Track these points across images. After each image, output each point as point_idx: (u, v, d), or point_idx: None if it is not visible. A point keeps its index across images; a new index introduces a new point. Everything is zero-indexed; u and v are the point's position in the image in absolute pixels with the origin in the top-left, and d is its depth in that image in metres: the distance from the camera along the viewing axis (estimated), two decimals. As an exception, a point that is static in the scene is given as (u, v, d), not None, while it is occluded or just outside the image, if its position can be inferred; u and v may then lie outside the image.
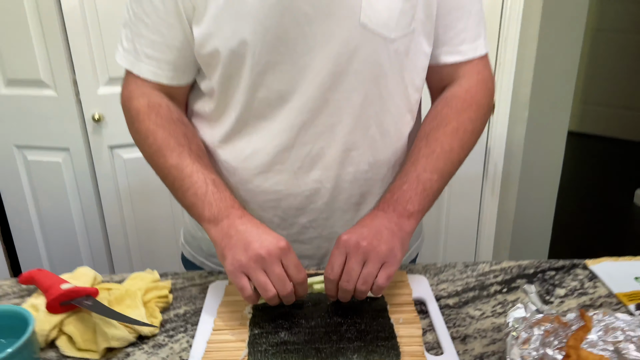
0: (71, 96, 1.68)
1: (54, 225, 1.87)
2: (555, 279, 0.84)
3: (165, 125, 0.80)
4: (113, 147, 1.75)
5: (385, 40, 0.75)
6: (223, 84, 0.79)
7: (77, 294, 0.73)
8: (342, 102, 0.78)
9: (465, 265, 0.89)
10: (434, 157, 0.79)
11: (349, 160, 0.82)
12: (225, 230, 0.74)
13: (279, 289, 0.68)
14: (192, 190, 0.77)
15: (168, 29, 0.77)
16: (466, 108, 0.83)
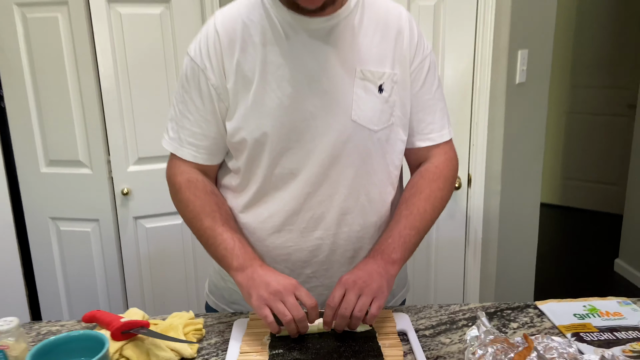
0: (104, 174, 1.94)
1: (78, 289, 2.06)
2: (511, 316, 1.05)
3: (201, 196, 1.04)
4: (137, 217, 1.99)
5: (370, 131, 1.01)
6: (247, 164, 1.03)
7: (135, 325, 0.93)
8: (338, 177, 1.02)
9: (439, 306, 1.10)
10: (411, 218, 1.03)
11: (344, 223, 1.05)
12: (249, 275, 0.96)
13: (294, 314, 0.88)
14: (223, 246, 1.00)
15: (206, 124, 1.03)
16: (436, 179, 1.07)
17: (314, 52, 0.97)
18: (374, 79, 1.00)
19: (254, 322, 1.02)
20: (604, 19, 4.10)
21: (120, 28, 1.84)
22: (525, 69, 2.02)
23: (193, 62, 1.00)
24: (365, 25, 1.00)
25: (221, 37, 0.98)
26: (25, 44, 1.86)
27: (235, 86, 0.98)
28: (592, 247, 3.83)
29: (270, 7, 0.97)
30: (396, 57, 1.02)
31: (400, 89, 1.02)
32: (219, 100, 1.00)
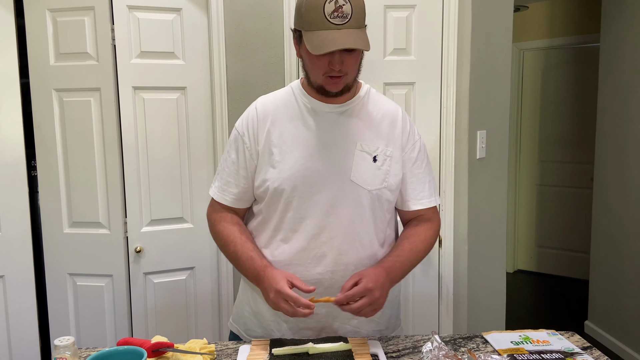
0: (121, 233, 2.21)
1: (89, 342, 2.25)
2: (461, 343, 1.32)
3: (228, 226, 1.37)
4: (147, 273, 2.24)
5: (364, 190, 1.32)
6: (267, 207, 1.34)
7: (162, 345, 1.19)
8: (337, 225, 1.32)
9: (405, 336, 1.36)
10: (412, 253, 1.34)
11: (340, 261, 1.33)
12: (262, 283, 1.26)
13: (296, 307, 1.18)
14: (250, 264, 1.30)
15: (237, 176, 1.36)
16: (429, 229, 1.41)
17: (326, 128, 1.32)
18: (369, 151, 1.33)
19: (257, 345, 1.27)
20: (564, 103, 4.60)
21: (142, 110, 2.18)
22: (484, 146, 2.38)
23: (236, 131, 1.38)
24: (368, 112, 1.36)
25: (259, 113, 1.35)
26: (60, 123, 2.19)
27: (263, 149, 1.32)
28: (564, 310, 4.06)
29: (297, 94, 1.35)
30: (390, 139, 1.36)
31: (392, 162, 1.35)
32: (250, 159, 1.34)
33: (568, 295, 4.37)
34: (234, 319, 1.50)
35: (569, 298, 4.30)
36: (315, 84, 1.28)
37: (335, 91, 1.27)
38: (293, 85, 1.39)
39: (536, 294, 4.45)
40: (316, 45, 1.17)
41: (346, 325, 1.36)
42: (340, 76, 1.24)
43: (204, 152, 2.29)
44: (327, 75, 1.24)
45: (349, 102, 1.33)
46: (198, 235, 2.30)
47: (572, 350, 1.25)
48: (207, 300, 2.33)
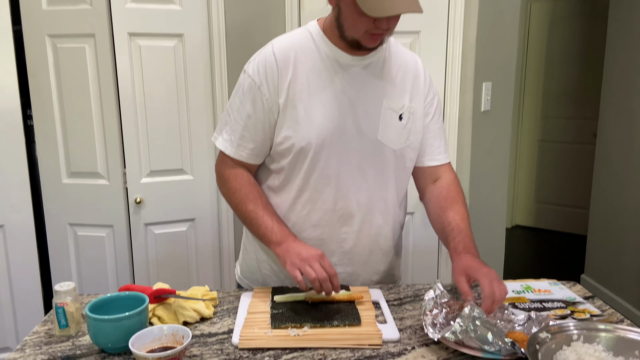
0: (120, 184, 2.19)
1: (91, 290, 2.28)
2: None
3: (246, 185, 1.30)
4: (148, 224, 2.24)
5: (390, 149, 1.28)
6: (290, 166, 1.27)
7: (165, 292, 1.18)
8: (364, 184, 1.28)
9: (407, 285, 1.36)
10: (464, 223, 1.26)
11: (367, 221, 1.31)
12: (285, 248, 1.21)
13: (319, 275, 1.13)
14: (264, 226, 1.26)
15: (254, 130, 1.26)
16: (459, 190, 1.35)
17: (352, 84, 1.25)
18: (396, 109, 1.27)
19: (258, 293, 1.27)
20: (570, 57, 4.50)
21: (139, 57, 2.12)
22: (489, 99, 2.33)
23: (251, 79, 1.23)
24: (390, 66, 1.29)
25: (278, 60, 1.21)
26: (55, 70, 2.13)
27: (285, 102, 1.22)
28: (560, 264, 4.11)
29: (317, 40, 1.24)
30: (413, 94, 1.30)
31: (415, 119, 1.30)
32: (270, 112, 1.23)
33: (565, 250, 4.41)
34: (244, 275, 1.47)
35: (565, 253, 4.35)
36: (350, 37, 1.19)
37: (372, 46, 1.19)
38: (311, 29, 1.26)
39: (533, 249, 4.50)
40: (373, 6, 1.07)
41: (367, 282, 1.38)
42: (382, 33, 1.16)
43: (202, 102, 2.24)
44: (369, 32, 1.15)
45: (373, 52, 1.26)
46: (198, 187, 2.29)
47: (574, 300, 1.25)
48: (208, 252, 2.34)
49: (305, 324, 1.10)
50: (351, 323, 1.10)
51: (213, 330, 1.13)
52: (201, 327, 1.14)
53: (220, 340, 1.08)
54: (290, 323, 1.10)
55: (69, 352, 1.04)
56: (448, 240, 1.24)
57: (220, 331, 1.12)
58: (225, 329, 1.13)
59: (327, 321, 1.11)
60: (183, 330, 1.02)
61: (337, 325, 1.10)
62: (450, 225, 1.26)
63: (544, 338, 0.97)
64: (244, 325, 1.11)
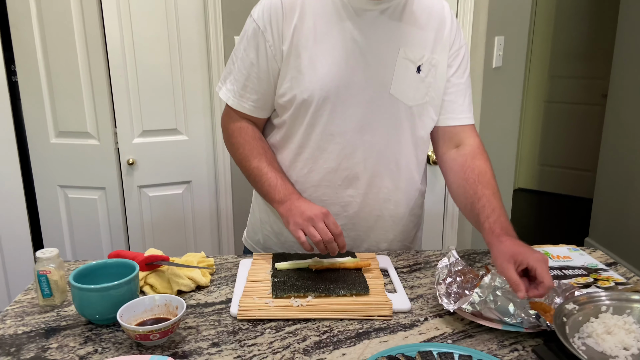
0: (111, 145, 2.08)
1: (84, 248, 2.20)
2: (477, 258, 1.24)
3: (250, 141, 1.20)
4: (141, 186, 2.14)
5: (405, 105, 1.16)
6: (291, 120, 1.16)
7: (157, 258, 1.10)
8: (372, 144, 1.17)
9: (416, 251, 1.28)
10: (495, 197, 1.10)
11: (374, 184, 1.20)
12: (288, 207, 1.11)
13: (323, 236, 1.04)
14: (267, 183, 1.16)
15: (258, 80, 1.16)
16: (486, 158, 1.19)
17: (364, 29, 1.11)
18: (414, 59, 1.14)
19: (258, 259, 1.18)
20: (581, 13, 4.31)
21: (127, 7, 1.97)
22: (501, 54, 2.20)
23: (255, 24, 1.12)
24: (411, 11, 1.14)
25: (284, 3, 1.10)
26: (38, 21, 1.99)
27: (289, 50, 1.10)
28: (564, 228, 4.06)
29: None
30: (437, 43, 1.16)
31: (437, 72, 1.16)
32: (273, 60, 1.12)
33: (569, 213, 4.35)
34: (249, 235, 1.39)
35: (569, 216, 4.29)
36: None
37: None
38: None
39: (536, 211, 4.43)
40: None
41: (373, 248, 1.29)
42: None
43: (196, 56, 2.10)
44: None
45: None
46: (194, 148, 2.18)
47: (596, 267, 1.17)
48: (205, 215, 2.26)
49: (309, 293, 1.01)
50: (358, 292, 1.02)
51: (210, 299, 1.04)
52: (197, 297, 1.06)
53: (218, 311, 1.00)
54: (292, 292, 1.01)
55: (53, 323, 0.96)
56: (480, 219, 1.08)
57: (217, 301, 1.04)
58: (222, 298, 1.05)
59: (333, 290, 1.02)
60: (177, 301, 0.93)
61: (344, 295, 1.02)
62: (481, 201, 1.09)
63: (571, 310, 0.89)
64: (243, 294, 1.03)
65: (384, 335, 0.92)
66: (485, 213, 1.06)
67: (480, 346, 0.88)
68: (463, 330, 0.93)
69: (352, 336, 0.91)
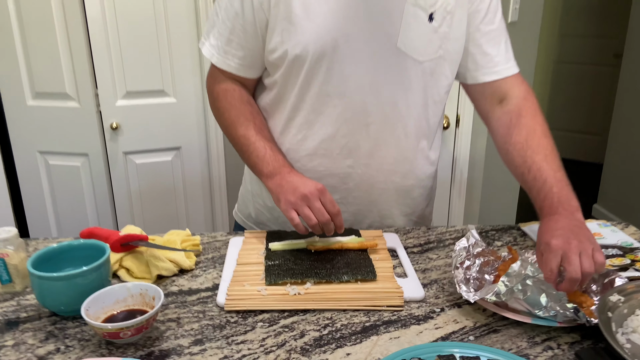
0: (92, 107, 1.92)
1: (68, 219, 2.07)
2: (495, 236, 1.10)
3: (237, 105, 1.05)
4: (127, 153, 1.99)
5: (415, 61, 0.99)
6: (283, 79, 1.01)
7: (133, 238, 0.96)
8: (376, 107, 1.01)
9: (427, 228, 1.14)
10: (549, 160, 0.93)
11: (377, 153, 1.06)
12: (278, 182, 0.97)
13: (319, 218, 0.90)
14: (255, 153, 1.02)
15: (244, 34, 1.00)
16: (534, 111, 1.02)
17: None
18: (424, 6, 0.96)
19: (250, 238, 1.05)
20: (596, -34, 4.06)
21: (105, -45, 1.78)
22: (517, 7, 2.01)
23: None
24: None
25: None
26: (6, -30, 1.79)
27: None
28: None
29: None
30: None
31: (453, 20, 0.99)
32: (260, 10, 0.96)
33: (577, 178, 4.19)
34: (240, 208, 1.26)
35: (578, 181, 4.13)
36: None
37: None
38: None
39: (542, 177, 4.29)
40: None
41: (376, 224, 1.15)
42: None
43: (183, 8, 1.91)
44: None
45: None
46: (182, 111, 2.01)
47: (631, 245, 1.04)
48: (196, 184, 2.11)
49: (308, 279, 0.88)
50: (364, 278, 0.89)
51: (194, 285, 0.91)
52: (180, 282, 0.93)
53: (203, 300, 0.87)
54: (288, 278, 0.88)
55: (12, 314, 0.83)
56: (532, 196, 0.93)
57: (202, 287, 0.91)
58: (209, 284, 0.92)
59: (335, 276, 0.89)
60: (154, 290, 0.80)
61: (347, 281, 0.89)
62: (531, 172, 0.93)
63: (616, 302, 0.76)
64: (232, 280, 0.90)
65: (394, 329, 0.79)
66: (535, 188, 0.92)
67: (507, 343, 0.76)
68: (486, 323, 0.81)
69: (357, 331, 0.78)
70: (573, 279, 0.75)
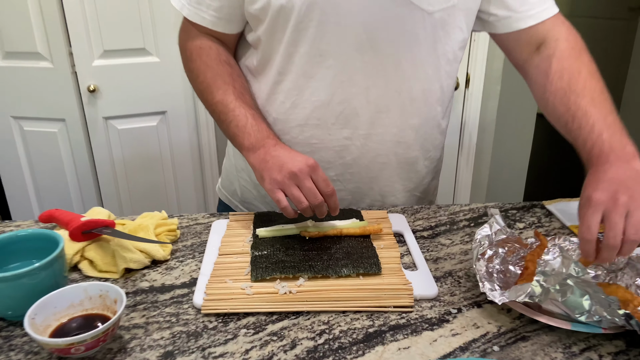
0: (67, 68, 1.74)
1: (49, 190, 1.94)
2: (517, 216, 0.96)
3: (214, 65, 0.89)
4: (108, 118, 1.83)
5: (423, 12, 0.83)
6: (268, 36, 0.86)
7: (97, 225, 0.82)
8: (376, 67, 0.86)
9: (438, 207, 1.00)
10: (597, 103, 0.80)
11: (379, 122, 0.91)
12: (262, 156, 0.82)
13: (311, 200, 0.77)
14: (234, 123, 0.86)
15: None
16: (578, 52, 0.87)
17: None
18: None
19: (235, 222, 0.91)
20: None
21: None
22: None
23: None
24: None
25: None
26: None
27: None
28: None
29: None
30: None
31: None
32: None
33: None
34: (223, 184, 1.12)
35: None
36: None
37: None
38: None
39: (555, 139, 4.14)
40: None
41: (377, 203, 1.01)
42: None
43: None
44: None
45: None
46: (167, 72, 1.84)
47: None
48: (185, 151, 1.96)
49: (301, 274, 0.75)
50: (367, 271, 0.76)
51: (168, 280, 0.78)
52: (151, 276, 0.79)
53: (177, 299, 0.74)
54: (278, 273, 0.75)
55: (-49, 319, 0.70)
56: (578, 146, 0.79)
57: (178, 282, 0.78)
58: (186, 278, 0.79)
59: (333, 269, 0.76)
60: (115, 292, 0.67)
61: (347, 276, 0.75)
62: (576, 120, 0.79)
63: (674, 306, 0.62)
64: (212, 275, 0.76)
65: (403, 337, 0.66)
66: (581, 138, 0.77)
67: (539, 355, 0.63)
68: (512, 328, 0.68)
69: (359, 339, 0.66)
70: (610, 247, 0.65)
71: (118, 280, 0.78)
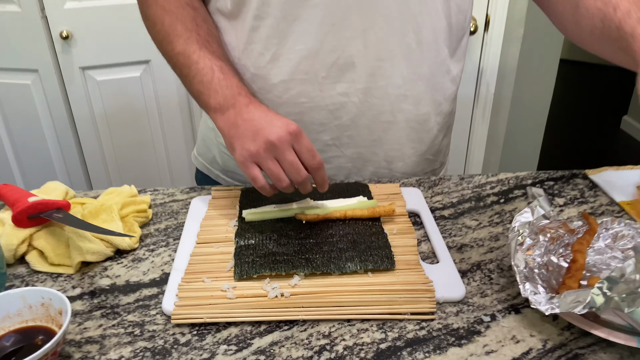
0: (36, 12, 1.55)
1: (27, 148, 1.78)
2: (555, 189, 0.81)
3: (173, 10, 0.73)
4: (85, 68, 1.65)
5: None
6: None
7: (47, 207, 0.67)
8: (375, 6, 0.70)
9: (460, 178, 0.85)
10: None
11: (380, 72, 0.75)
12: (232, 119, 0.66)
13: (293, 177, 0.62)
14: (198, 77, 0.70)
15: None
16: None
17: None
18: None
19: (218, 200, 0.76)
20: None
21: None
22: None
23: None
24: None
25: None
26: None
27: None
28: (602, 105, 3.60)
29: None
30: None
31: None
32: None
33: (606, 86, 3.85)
34: (200, 150, 0.96)
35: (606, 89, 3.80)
36: None
37: None
38: None
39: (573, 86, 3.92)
40: None
41: (383, 170, 0.85)
42: None
43: None
44: None
45: None
46: (149, 14, 1.64)
47: None
48: (172, 103, 1.79)
49: (296, 270, 0.60)
50: (378, 267, 0.61)
51: (134, 277, 0.64)
52: (114, 270, 0.65)
53: (143, 302, 0.60)
54: (267, 270, 0.60)
55: None
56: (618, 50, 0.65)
57: (146, 279, 0.64)
58: (156, 273, 0.65)
59: (335, 264, 0.61)
60: (59, 301, 0.53)
61: (353, 272, 0.61)
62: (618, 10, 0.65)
63: None
64: (187, 271, 0.62)
65: (424, 356, 0.52)
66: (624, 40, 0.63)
67: (598, 384, 0.49)
68: (562, 343, 0.54)
69: (368, 358, 0.52)
70: None
71: (73, 276, 0.64)
